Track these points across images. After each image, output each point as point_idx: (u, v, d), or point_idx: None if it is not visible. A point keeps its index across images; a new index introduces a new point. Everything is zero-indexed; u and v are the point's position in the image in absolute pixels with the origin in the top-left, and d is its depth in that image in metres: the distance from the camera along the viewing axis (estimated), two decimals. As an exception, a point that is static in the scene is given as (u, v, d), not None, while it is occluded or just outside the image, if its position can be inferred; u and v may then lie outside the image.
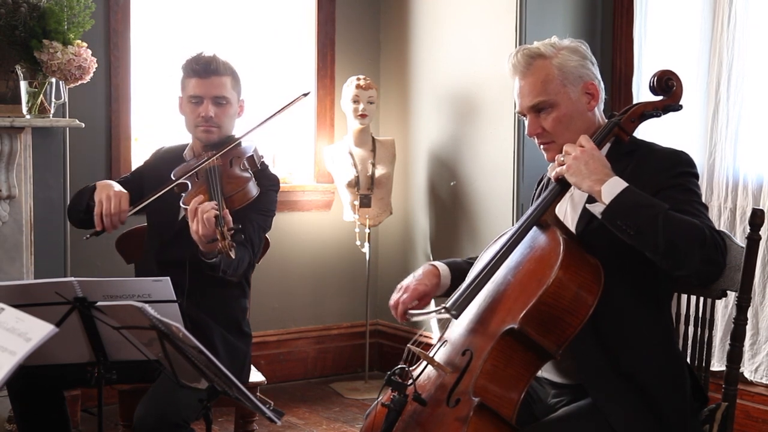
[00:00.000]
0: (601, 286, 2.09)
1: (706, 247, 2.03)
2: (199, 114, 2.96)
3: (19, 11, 3.62)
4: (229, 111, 3.00)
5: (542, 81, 2.27)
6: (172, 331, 2.01)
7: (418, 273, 2.47)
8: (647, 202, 2.07)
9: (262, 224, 2.95)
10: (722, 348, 3.81)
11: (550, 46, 2.31)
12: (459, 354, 2.14)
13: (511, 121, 4.33)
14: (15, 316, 1.78)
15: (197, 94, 2.97)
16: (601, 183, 2.09)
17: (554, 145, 2.30)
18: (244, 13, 4.83)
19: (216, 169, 2.86)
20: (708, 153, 3.93)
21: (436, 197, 4.81)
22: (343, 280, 5.03)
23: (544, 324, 2.05)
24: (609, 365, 2.16)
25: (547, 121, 2.29)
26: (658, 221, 2.03)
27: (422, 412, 2.10)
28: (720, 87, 3.89)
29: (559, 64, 2.28)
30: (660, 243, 2.02)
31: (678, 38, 4.09)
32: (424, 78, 4.86)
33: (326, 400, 4.59)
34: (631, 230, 2.05)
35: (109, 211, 2.81)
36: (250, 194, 2.86)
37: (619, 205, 2.06)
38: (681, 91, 2.29)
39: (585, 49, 2.34)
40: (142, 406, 2.61)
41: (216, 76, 2.96)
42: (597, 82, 2.32)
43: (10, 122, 3.63)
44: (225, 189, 2.81)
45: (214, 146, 2.98)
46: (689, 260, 2.03)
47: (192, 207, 2.62)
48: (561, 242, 2.12)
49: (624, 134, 2.27)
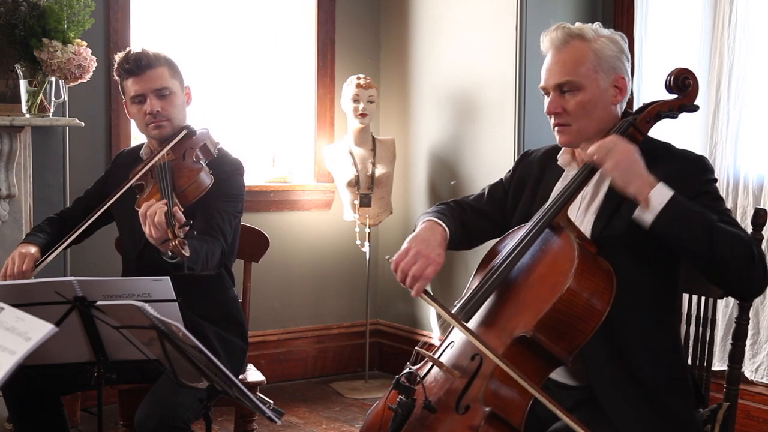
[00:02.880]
0: (614, 292, 2.06)
1: (754, 264, 2.02)
2: (146, 111, 2.87)
3: (18, 10, 3.62)
4: (175, 101, 2.90)
5: (575, 61, 2.22)
6: (172, 331, 2.01)
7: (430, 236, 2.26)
8: (700, 211, 2.04)
9: (230, 210, 2.87)
10: (723, 348, 3.80)
11: (592, 30, 2.25)
12: (468, 358, 2.11)
13: (512, 121, 4.33)
14: (15, 315, 1.78)
15: (137, 93, 2.88)
16: (651, 187, 2.03)
17: (570, 128, 2.24)
18: (244, 11, 4.82)
19: (166, 165, 2.79)
20: (709, 152, 3.92)
21: (436, 197, 4.79)
22: (343, 280, 5.03)
23: (556, 331, 2.02)
24: (620, 370, 2.13)
25: (570, 102, 2.22)
26: (712, 233, 2.00)
27: (430, 417, 2.07)
28: (720, 86, 3.89)
29: (596, 49, 2.22)
30: (711, 256, 2.01)
31: (678, 38, 4.09)
32: (424, 77, 4.85)
33: (326, 399, 4.58)
34: (685, 241, 2.02)
35: (12, 272, 2.80)
36: (203, 185, 2.78)
37: (674, 214, 2.01)
38: (697, 90, 2.24)
39: (624, 43, 2.28)
40: (142, 409, 2.59)
41: (150, 70, 2.86)
42: (627, 78, 2.26)
43: (10, 121, 3.64)
44: (177, 184, 2.74)
45: (168, 141, 2.89)
46: (739, 277, 2.03)
47: (142, 211, 2.55)
48: (575, 248, 2.07)
49: (638, 134, 2.20)
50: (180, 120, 2.93)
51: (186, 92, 2.98)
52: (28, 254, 2.84)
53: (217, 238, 2.79)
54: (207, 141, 2.92)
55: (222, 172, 2.87)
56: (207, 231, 2.77)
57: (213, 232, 2.79)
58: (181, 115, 2.94)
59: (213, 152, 2.92)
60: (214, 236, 2.78)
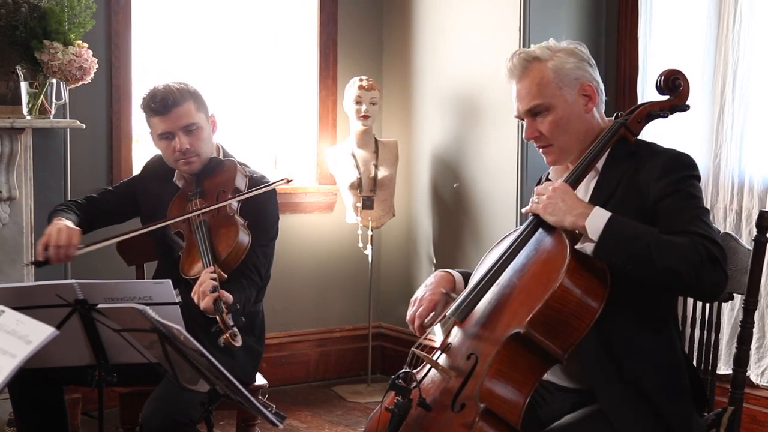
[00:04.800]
0: (608, 290, 2.08)
1: (704, 266, 2.02)
2: (175, 149, 2.92)
3: (19, 11, 3.61)
4: (202, 135, 2.95)
5: (537, 84, 2.26)
6: (173, 334, 2.00)
7: (429, 282, 2.40)
8: (635, 232, 2.06)
9: (265, 242, 2.94)
10: (728, 351, 3.78)
11: (546, 49, 2.29)
12: (464, 358, 2.12)
13: (515, 123, 4.30)
14: (15, 318, 1.78)
15: (165, 131, 2.93)
16: (584, 217, 2.08)
17: (552, 148, 2.29)
18: (246, 13, 4.82)
19: (203, 226, 2.82)
20: (713, 154, 3.91)
21: (439, 199, 4.79)
22: (346, 283, 5.01)
23: (550, 328, 2.03)
24: (614, 371, 2.15)
25: (543, 124, 2.27)
26: (650, 251, 2.03)
27: (426, 417, 2.08)
28: (725, 88, 3.87)
29: (554, 66, 2.26)
30: (658, 272, 2.03)
31: (683, 39, 4.07)
32: (427, 79, 4.84)
33: (329, 403, 4.57)
34: (627, 265, 2.05)
35: (58, 242, 2.78)
36: (243, 246, 2.82)
37: (609, 242, 2.05)
38: (688, 90, 2.27)
39: (582, 51, 2.32)
40: (149, 406, 2.61)
41: (177, 107, 2.90)
42: (595, 83, 2.30)
43: (11, 123, 3.62)
44: (217, 251, 2.78)
45: (203, 195, 2.94)
46: (690, 283, 2.03)
47: (195, 289, 2.61)
48: (567, 245, 2.10)
49: (630, 134, 2.24)
50: (208, 152, 2.99)
51: (211, 120, 3.03)
52: (73, 230, 2.84)
53: (253, 278, 2.86)
54: (237, 176, 2.94)
55: (255, 202, 2.91)
56: (242, 272, 2.82)
57: (248, 272, 2.85)
58: (209, 147, 2.99)
59: (244, 188, 2.95)
60: (250, 277, 2.85)
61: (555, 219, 2.13)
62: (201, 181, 2.97)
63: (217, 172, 2.97)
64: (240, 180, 2.95)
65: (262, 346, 3.05)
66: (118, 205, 3.14)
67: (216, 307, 2.52)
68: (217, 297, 2.53)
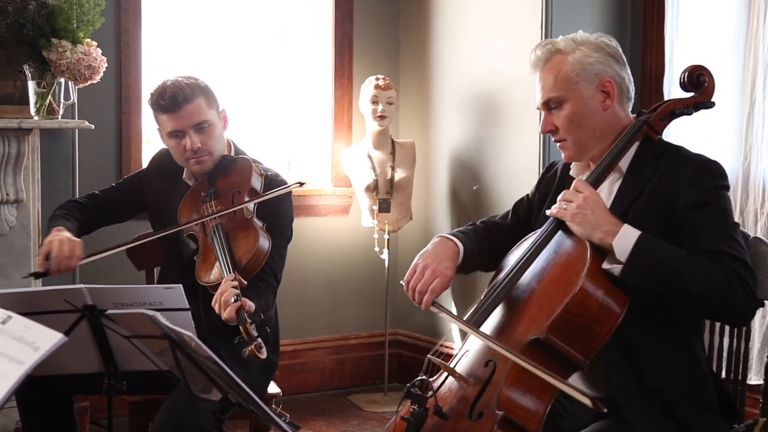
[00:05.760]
0: (630, 295, 2.07)
1: (734, 292, 2.03)
2: (185, 147, 2.85)
3: (27, 9, 3.61)
4: (214, 132, 2.88)
5: (555, 76, 2.26)
6: (184, 341, 1.99)
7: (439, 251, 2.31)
8: (665, 255, 2.06)
9: (281, 244, 2.87)
10: (759, 360, 3.71)
11: (572, 41, 2.29)
12: (482, 365, 2.11)
13: (537, 123, 4.24)
14: (23, 324, 1.77)
15: (175, 129, 2.86)
16: (613, 235, 2.07)
17: (567, 143, 2.28)
18: (259, 11, 4.82)
19: (220, 230, 2.74)
20: (743, 156, 3.87)
21: (458, 202, 4.76)
22: (361, 288, 4.99)
23: (570, 333, 2.02)
24: (638, 382, 2.14)
25: (558, 118, 2.27)
26: (681, 275, 2.03)
27: (443, 426, 2.05)
28: (756, 86, 3.82)
29: (574, 60, 2.25)
30: (688, 296, 2.04)
31: (711, 35, 4.03)
32: (445, 78, 4.82)
33: (344, 413, 4.55)
34: (656, 288, 2.06)
35: (60, 253, 2.72)
36: (263, 252, 2.73)
37: (638, 265, 2.05)
38: (713, 87, 2.25)
39: (610, 45, 2.30)
40: (160, 416, 2.59)
41: (187, 104, 2.83)
42: (619, 80, 2.27)
43: (18, 124, 3.63)
44: (236, 258, 2.69)
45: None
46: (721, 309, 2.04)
47: (215, 298, 2.54)
48: (587, 247, 2.09)
49: (653, 133, 2.23)
50: (220, 150, 2.93)
51: (222, 116, 2.96)
52: (75, 242, 2.78)
53: (270, 282, 2.81)
54: (252, 176, 2.86)
55: (271, 203, 2.84)
56: (259, 275, 2.76)
57: (265, 276, 2.79)
58: (220, 145, 2.93)
59: (260, 188, 2.88)
60: (267, 281, 2.80)
61: (582, 231, 2.12)
62: (214, 181, 2.90)
63: (231, 171, 2.90)
64: (256, 179, 2.89)
65: (278, 356, 2.99)
66: (124, 203, 3.10)
67: (239, 317, 2.46)
68: (240, 306, 2.48)
